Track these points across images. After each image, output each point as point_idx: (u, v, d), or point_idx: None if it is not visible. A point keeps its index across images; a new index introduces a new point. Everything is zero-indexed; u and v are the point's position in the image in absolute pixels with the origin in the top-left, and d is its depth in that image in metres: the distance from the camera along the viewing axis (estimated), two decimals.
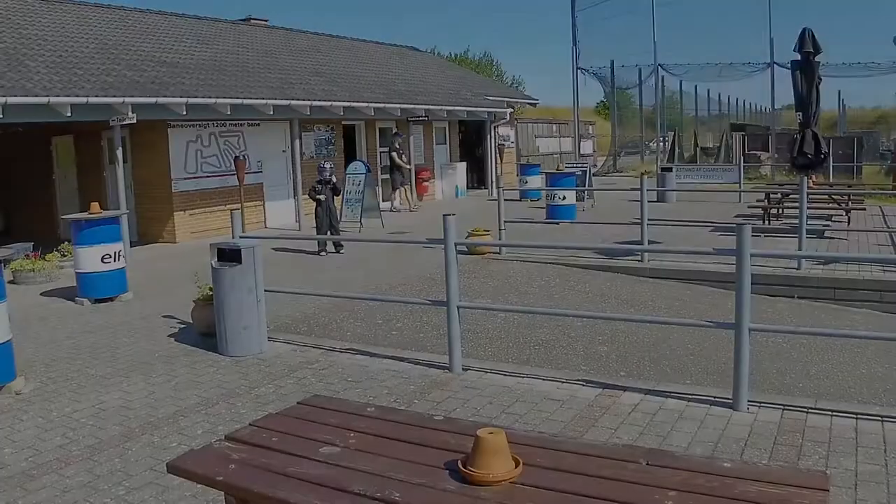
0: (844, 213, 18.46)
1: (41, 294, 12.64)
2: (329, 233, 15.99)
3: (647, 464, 3.32)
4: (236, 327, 8.39)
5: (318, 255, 15.87)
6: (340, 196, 17.78)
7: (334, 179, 16.37)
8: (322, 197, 15.98)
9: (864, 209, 19.88)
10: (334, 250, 16.18)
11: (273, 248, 16.01)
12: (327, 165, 16.54)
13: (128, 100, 15.51)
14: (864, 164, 34.84)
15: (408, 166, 24.50)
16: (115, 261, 11.73)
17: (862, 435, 5.75)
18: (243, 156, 19.07)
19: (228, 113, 18.14)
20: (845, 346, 9.98)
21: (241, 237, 8.84)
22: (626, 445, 4.58)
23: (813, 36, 13.63)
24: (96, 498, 5.15)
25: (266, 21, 30.64)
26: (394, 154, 23.72)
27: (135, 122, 15.71)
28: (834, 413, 6.22)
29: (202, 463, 3.51)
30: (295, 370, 7.92)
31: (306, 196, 20.34)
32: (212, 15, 33.45)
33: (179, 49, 21.02)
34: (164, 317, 10.60)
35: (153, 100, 16.10)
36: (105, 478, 5.43)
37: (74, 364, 8.47)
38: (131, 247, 15.52)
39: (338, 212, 17.35)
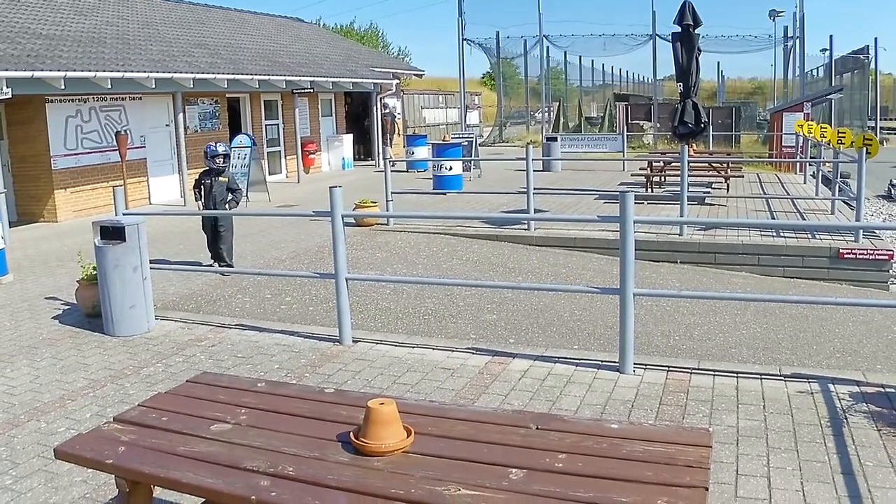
0: (724, 181, 19.05)
1: None
2: (215, 244, 11.61)
3: (537, 428, 3.41)
4: (122, 306, 8.21)
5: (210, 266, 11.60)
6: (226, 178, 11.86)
7: (215, 166, 11.70)
8: (202, 202, 11.80)
9: (743, 176, 20.62)
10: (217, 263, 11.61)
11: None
12: (219, 148, 11.87)
13: (1, 73, 14.85)
14: (742, 133, 36.00)
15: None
16: None
17: (742, 393, 5.99)
18: (125, 131, 18.54)
19: (109, 87, 17.57)
20: (726, 308, 10.34)
21: (124, 214, 8.63)
22: (515, 411, 4.68)
23: (693, 9, 13.99)
24: None
25: None
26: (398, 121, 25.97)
27: (10, 97, 15.06)
28: (716, 373, 6.47)
29: (91, 447, 3.46)
30: (184, 348, 7.81)
31: (193, 172, 20.02)
32: None
33: (57, 20, 20.22)
34: (48, 298, 10.29)
35: (29, 73, 15.43)
36: None
37: None
38: (10, 227, 14.98)
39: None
